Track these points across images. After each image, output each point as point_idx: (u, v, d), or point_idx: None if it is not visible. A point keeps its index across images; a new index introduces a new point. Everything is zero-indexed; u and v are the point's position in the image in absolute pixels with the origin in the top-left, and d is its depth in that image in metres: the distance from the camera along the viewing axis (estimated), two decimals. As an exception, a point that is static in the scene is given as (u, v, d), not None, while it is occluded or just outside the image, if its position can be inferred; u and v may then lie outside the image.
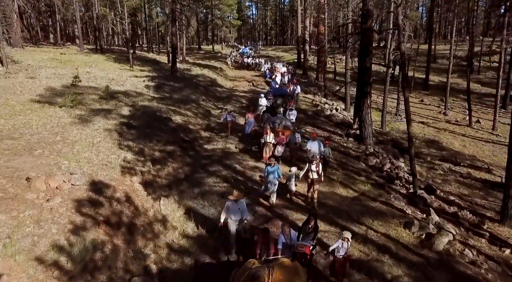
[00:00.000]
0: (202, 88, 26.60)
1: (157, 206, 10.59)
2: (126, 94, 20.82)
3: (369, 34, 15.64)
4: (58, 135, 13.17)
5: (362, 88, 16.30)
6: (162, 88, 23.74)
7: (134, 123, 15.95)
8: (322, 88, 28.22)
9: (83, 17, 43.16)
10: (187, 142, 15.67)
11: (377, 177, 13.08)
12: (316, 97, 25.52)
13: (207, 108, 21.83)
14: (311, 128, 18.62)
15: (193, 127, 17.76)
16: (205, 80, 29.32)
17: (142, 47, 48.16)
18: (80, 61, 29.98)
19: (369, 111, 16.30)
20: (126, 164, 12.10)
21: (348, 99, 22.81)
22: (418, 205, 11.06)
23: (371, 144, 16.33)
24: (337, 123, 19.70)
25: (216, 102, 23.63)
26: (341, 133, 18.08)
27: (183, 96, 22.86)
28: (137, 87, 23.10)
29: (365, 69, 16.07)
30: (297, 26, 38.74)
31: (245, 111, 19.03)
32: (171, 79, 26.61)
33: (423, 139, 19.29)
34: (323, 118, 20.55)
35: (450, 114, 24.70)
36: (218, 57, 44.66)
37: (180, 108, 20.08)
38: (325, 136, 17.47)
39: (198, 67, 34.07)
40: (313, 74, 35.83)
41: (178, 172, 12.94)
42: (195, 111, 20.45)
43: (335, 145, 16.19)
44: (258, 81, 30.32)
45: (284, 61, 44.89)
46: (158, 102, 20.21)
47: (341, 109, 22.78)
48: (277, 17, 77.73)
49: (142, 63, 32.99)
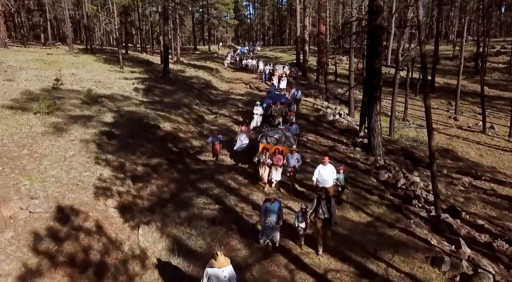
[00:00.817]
0: (196, 90, 24.79)
1: (135, 236, 8.79)
2: (112, 98, 18.98)
3: (379, 32, 13.90)
4: (26, 147, 11.35)
5: (371, 93, 14.56)
6: (152, 91, 21.91)
7: (116, 132, 14.14)
8: (323, 90, 26.47)
9: (74, 16, 41.26)
10: (175, 154, 13.87)
11: (391, 196, 11.34)
12: (317, 101, 23.78)
13: (200, 113, 20.03)
14: (313, 135, 16.86)
15: (183, 135, 15.96)
16: (199, 82, 27.52)
17: (136, 48, 46.26)
18: (67, 62, 28.07)
19: (378, 119, 14.57)
20: (101, 184, 10.30)
21: (352, 104, 21.08)
22: (443, 233, 9.33)
23: (380, 155, 14.60)
24: (342, 130, 17.96)
25: (211, 106, 21.83)
26: (347, 141, 16.33)
27: (174, 100, 21.05)
28: (125, 90, 21.25)
29: (373, 71, 14.34)
30: (295, 25, 37.01)
31: (240, 123, 16.83)
32: (163, 81, 24.78)
33: (436, 148, 17.54)
34: (326, 124, 18.79)
35: (461, 119, 23.01)
36: (214, 58, 42.85)
37: (170, 114, 18.27)
38: (330, 145, 15.73)
39: (193, 68, 32.25)
40: (313, 76, 34.08)
41: (163, 191, 11.14)
42: (186, 117, 18.64)
43: (341, 156, 14.44)
44: (256, 83, 28.54)
45: (283, 61, 43.15)
46: (147, 107, 18.39)
47: (344, 114, 21.05)
48: (275, 17, 75.97)
49: (134, 64, 31.12)
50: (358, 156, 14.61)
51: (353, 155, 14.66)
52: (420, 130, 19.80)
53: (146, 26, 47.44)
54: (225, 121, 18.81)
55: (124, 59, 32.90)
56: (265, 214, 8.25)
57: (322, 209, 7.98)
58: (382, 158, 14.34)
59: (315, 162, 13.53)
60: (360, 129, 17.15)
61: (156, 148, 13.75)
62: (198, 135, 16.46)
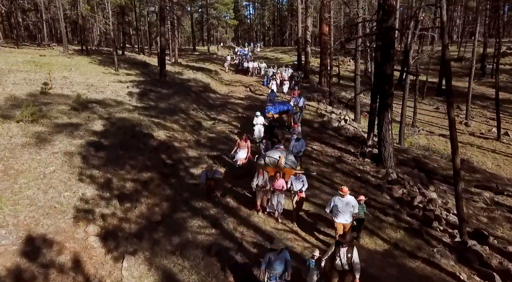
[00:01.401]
0: (194, 94, 23.55)
1: (118, 271, 7.55)
2: (104, 103, 17.74)
3: (391, 34, 12.65)
4: (0, 162, 10.12)
5: (382, 100, 13.32)
6: (147, 96, 20.66)
7: (105, 143, 12.90)
8: (326, 94, 25.24)
9: (70, 16, 40.00)
10: (169, 167, 12.64)
11: (409, 217, 10.11)
12: (321, 105, 22.54)
13: (197, 119, 18.79)
14: (318, 144, 15.62)
15: (178, 145, 14.72)
16: (197, 85, 26.27)
17: (134, 49, 44.98)
18: (59, 64, 26.81)
19: (389, 128, 13.34)
20: (83, 205, 9.07)
21: (358, 109, 19.84)
22: (472, 264, 8.11)
23: (392, 167, 13.37)
24: (348, 138, 16.73)
25: (209, 111, 20.59)
26: (355, 151, 15.10)
27: (170, 105, 19.80)
28: (118, 94, 20.01)
29: (385, 76, 13.09)
30: (297, 26, 35.78)
31: (237, 135, 15.51)
32: (159, 85, 23.54)
33: (449, 157, 16.32)
34: (331, 131, 17.55)
35: (472, 125, 21.78)
36: (213, 59, 41.60)
37: (166, 121, 17.03)
38: (336, 155, 14.48)
39: (191, 70, 31.00)
40: (315, 78, 32.83)
41: (154, 212, 9.91)
42: (183, 124, 17.40)
43: (350, 169, 13.20)
44: (256, 86, 27.31)
45: (283, 63, 41.91)
46: (140, 113, 17.16)
47: (350, 120, 19.82)
48: (275, 17, 74.66)
49: (130, 66, 29.87)
50: (368, 168, 13.38)
51: (363, 167, 13.42)
52: (431, 137, 18.60)
53: (143, 26, 46.14)
54: (224, 128, 17.58)
55: (120, 61, 31.68)
56: (269, 266, 6.60)
57: (341, 259, 6.23)
58: (394, 171, 13.11)
59: (322, 178, 12.34)
60: (368, 138, 15.92)
61: (148, 161, 12.51)
62: (194, 144, 15.21)
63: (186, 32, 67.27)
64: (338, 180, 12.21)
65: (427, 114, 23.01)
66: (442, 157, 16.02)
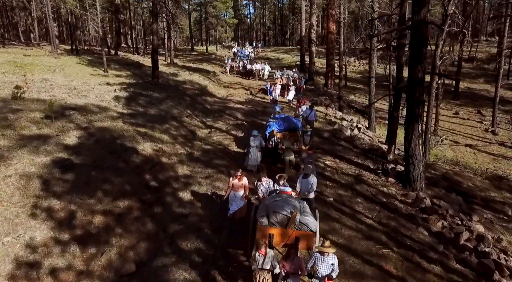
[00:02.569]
0: (189, 98, 21.15)
1: None
2: (84, 110, 15.35)
3: (424, 28, 10.24)
4: None
5: (411, 108, 10.92)
6: (136, 100, 18.26)
7: (76, 161, 10.52)
8: (334, 97, 22.86)
9: (60, 14, 37.57)
10: (153, 191, 10.25)
11: (459, 264, 7.72)
12: (330, 110, 20.15)
13: (191, 127, 16.39)
14: (331, 159, 13.22)
15: (167, 161, 12.32)
16: (193, 87, 23.87)
17: (129, 48, 42.53)
18: (44, 64, 24.42)
19: (419, 142, 10.95)
20: (27, 256, 6.69)
21: (373, 115, 17.41)
22: None
23: (422, 189, 10.99)
24: (365, 151, 14.35)
25: (205, 118, 18.19)
26: (374, 167, 12.72)
27: (161, 111, 17.41)
28: (103, 99, 17.61)
29: (415, 80, 10.69)
30: (300, 24, 33.33)
31: (232, 171, 10.41)
32: (151, 88, 21.13)
33: (484, 174, 13.95)
34: (344, 142, 15.17)
35: (500, 133, 19.36)
36: (212, 59, 39.19)
37: (154, 130, 14.64)
38: (354, 173, 12.09)
39: (187, 72, 28.59)
40: (320, 79, 30.45)
41: (127, 258, 7.52)
42: (174, 133, 15.00)
43: (373, 192, 10.81)
44: (257, 89, 24.91)
45: (285, 63, 39.50)
46: (125, 122, 14.76)
47: (364, 128, 17.41)
48: (276, 16, 72.17)
49: (121, 67, 27.46)
50: (393, 191, 10.98)
51: (387, 189, 11.02)
52: (457, 148, 16.23)
53: (137, 25, 43.69)
54: (221, 138, 15.18)
55: (111, 62, 29.29)
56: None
57: None
58: (425, 194, 10.72)
59: (341, 204, 9.95)
60: (389, 151, 13.53)
61: (127, 184, 10.12)
62: (186, 158, 12.82)
63: (185, 32, 64.84)
64: (361, 208, 9.83)
65: (446, 120, 20.60)
66: (476, 174, 13.64)
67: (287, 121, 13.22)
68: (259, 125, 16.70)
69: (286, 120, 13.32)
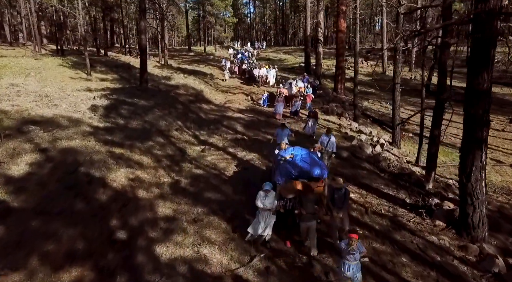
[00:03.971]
0: (181, 106, 18.19)
1: None
2: (50, 124, 12.44)
3: (493, 22, 7.30)
4: None
5: (472, 131, 7.98)
6: (117, 110, 15.32)
7: (14, 204, 7.65)
8: (346, 104, 19.92)
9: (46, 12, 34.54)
10: (118, 247, 7.28)
11: None
12: (343, 121, 17.22)
13: (181, 143, 13.43)
14: (356, 189, 10.26)
15: (144, 195, 9.37)
16: (187, 93, 20.90)
17: (121, 49, 39.49)
18: (19, 67, 21.48)
19: (482, 176, 8.00)
20: None
21: (398, 129, 14.44)
22: None
23: (485, 239, 8.06)
24: (394, 176, 11.40)
25: (199, 130, 15.23)
26: (412, 201, 9.78)
27: (145, 124, 14.46)
28: (77, 109, 14.68)
29: (477, 92, 7.75)
30: (305, 22, 30.35)
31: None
32: (138, 94, 18.19)
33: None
34: (367, 164, 12.22)
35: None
36: (210, 60, 36.18)
37: (133, 150, 11.70)
38: (387, 212, 9.14)
39: (182, 74, 25.62)
40: (327, 83, 27.50)
41: None
42: (158, 153, 12.05)
43: (420, 245, 7.85)
44: (259, 94, 21.95)
45: (288, 65, 36.53)
46: (98, 140, 11.83)
47: (386, 143, 14.44)
48: (277, 15, 69.03)
49: (108, 70, 24.49)
50: (446, 242, 8.02)
51: (438, 239, 8.07)
52: (503, 170, 13.27)
53: (131, 24, 40.69)
54: (216, 159, 12.20)
55: (99, 63, 26.35)
56: None
57: None
58: (490, 247, 7.79)
59: (380, 268, 7.00)
60: (427, 179, 10.60)
61: (82, 239, 7.18)
62: (171, 190, 9.87)
63: (183, 31, 61.83)
64: (410, 274, 6.92)
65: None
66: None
67: (304, 163, 8.29)
68: (261, 142, 13.77)
69: (305, 160, 8.38)
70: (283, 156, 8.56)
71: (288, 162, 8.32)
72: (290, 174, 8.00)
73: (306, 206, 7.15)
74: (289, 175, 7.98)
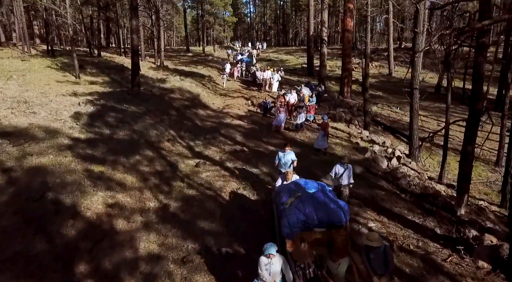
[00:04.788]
0: (175, 112, 16.56)
1: None
2: (23, 135, 10.83)
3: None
4: None
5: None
6: (103, 118, 13.68)
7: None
8: (354, 109, 18.29)
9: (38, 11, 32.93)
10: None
11: None
12: (353, 128, 15.59)
13: (173, 157, 11.79)
14: (375, 215, 8.66)
15: (124, 226, 7.75)
16: (182, 97, 19.27)
17: (116, 49, 37.80)
18: (1, 69, 19.84)
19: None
20: None
21: (416, 138, 12.77)
22: None
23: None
24: (417, 197, 9.77)
25: (193, 140, 13.59)
26: (442, 232, 8.17)
27: (134, 134, 12.83)
28: (58, 117, 13.05)
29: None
30: (308, 21, 28.73)
31: None
32: (128, 99, 16.57)
33: None
34: (384, 182, 10.61)
35: None
36: (208, 61, 34.54)
37: (116, 167, 10.08)
38: (419, 250, 7.49)
39: (178, 76, 23.97)
40: (332, 85, 25.87)
41: None
42: (145, 170, 10.43)
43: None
44: (260, 98, 20.31)
45: (289, 66, 34.89)
46: (77, 155, 10.21)
47: (403, 156, 12.80)
48: (278, 15, 67.28)
49: (99, 72, 22.86)
50: (495, 291, 6.42)
51: (484, 288, 6.46)
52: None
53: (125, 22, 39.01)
54: (212, 176, 10.57)
55: (91, 65, 24.72)
56: None
57: None
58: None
59: None
60: (459, 203, 8.96)
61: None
62: (157, 219, 8.24)
63: (182, 31, 60.15)
64: None
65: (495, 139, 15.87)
66: None
67: (318, 202, 6.11)
68: (263, 155, 12.14)
69: (322, 203, 6.09)
70: (285, 202, 6.32)
71: (297, 204, 6.11)
72: (303, 223, 5.89)
73: (342, 269, 5.28)
74: (302, 224, 5.87)
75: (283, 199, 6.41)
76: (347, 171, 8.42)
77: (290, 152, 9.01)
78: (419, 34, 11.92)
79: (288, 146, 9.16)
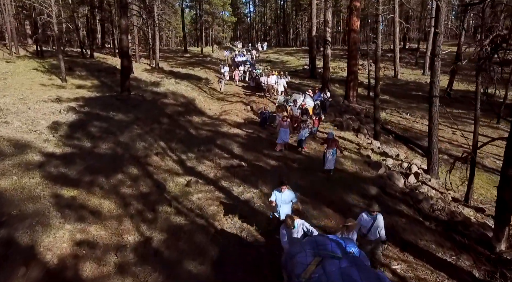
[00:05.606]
0: (167, 119, 15.04)
1: None
2: (-14, 152, 9.30)
3: None
4: None
5: None
6: (85, 128, 12.17)
7: None
8: (361, 116, 16.78)
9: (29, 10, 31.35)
10: None
11: None
12: (361, 138, 14.08)
13: (160, 174, 10.27)
14: (397, 253, 7.15)
15: (91, 273, 6.24)
16: (176, 102, 17.74)
17: (111, 50, 36.25)
18: (-18, 72, 18.33)
19: None
20: None
21: (435, 152, 11.24)
22: None
23: None
24: (445, 225, 8.27)
25: (186, 153, 12.06)
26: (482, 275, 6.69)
27: (118, 147, 11.31)
28: (33, 127, 11.55)
29: None
30: (310, 21, 27.23)
31: None
32: (116, 105, 15.07)
33: None
34: (404, 206, 9.11)
35: None
36: (206, 63, 33.02)
37: (92, 189, 8.57)
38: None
39: (173, 79, 22.45)
40: (336, 88, 24.37)
41: None
42: (127, 193, 8.91)
43: None
44: (260, 103, 18.80)
45: (290, 67, 33.35)
46: (47, 175, 8.71)
47: (421, 171, 11.27)
48: (278, 14, 65.69)
49: (89, 74, 21.33)
50: None
51: None
52: None
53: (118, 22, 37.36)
54: (204, 199, 9.05)
55: (81, 66, 23.19)
56: None
57: None
58: None
59: None
60: (499, 236, 7.45)
61: None
62: (135, 258, 6.73)
63: (180, 31, 58.52)
64: None
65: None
66: None
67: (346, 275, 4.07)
68: (263, 171, 10.63)
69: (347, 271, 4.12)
70: (301, 274, 4.29)
71: (319, 278, 4.11)
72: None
73: None
74: None
75: (298, 271, 4.33)
76: (376, 222, 6.24)
77: (288, 192, 7.10)
78: (440, 34, 10.40)
79: (285, 185, 7.08)
